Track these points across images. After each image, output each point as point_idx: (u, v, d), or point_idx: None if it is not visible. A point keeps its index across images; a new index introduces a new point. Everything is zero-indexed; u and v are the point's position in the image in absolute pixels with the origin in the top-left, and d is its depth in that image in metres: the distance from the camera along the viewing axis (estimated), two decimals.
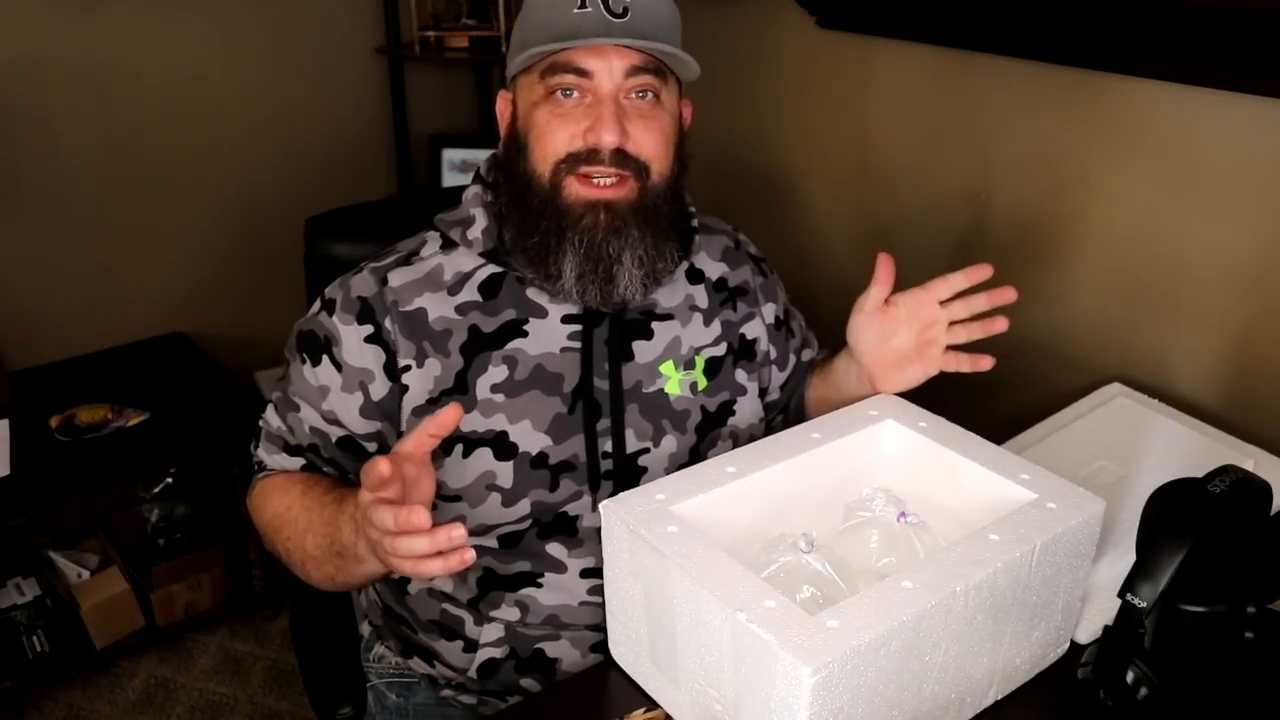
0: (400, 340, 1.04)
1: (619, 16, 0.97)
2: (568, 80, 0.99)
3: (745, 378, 1.17)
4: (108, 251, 2.24)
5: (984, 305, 1.10)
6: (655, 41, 0.98)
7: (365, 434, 1.07)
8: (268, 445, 1.13)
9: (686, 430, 1.11)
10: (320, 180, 2.41)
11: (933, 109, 1.66)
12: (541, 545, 1.07)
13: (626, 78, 0.99)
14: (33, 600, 2.03)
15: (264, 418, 1.13)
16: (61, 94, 2.10)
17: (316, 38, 2.38)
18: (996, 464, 0.97)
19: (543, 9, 1.00)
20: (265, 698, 2.02)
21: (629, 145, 1.00)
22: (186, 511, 2.17)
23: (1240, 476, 0.85)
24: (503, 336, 1.05)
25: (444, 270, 1.07)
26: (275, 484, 1.10)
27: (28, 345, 2.17)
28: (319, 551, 1.01)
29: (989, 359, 1.11)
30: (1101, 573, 1.01)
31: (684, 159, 1.08)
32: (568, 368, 1.06)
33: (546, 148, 1.01)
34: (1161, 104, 1.35)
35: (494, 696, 1.12)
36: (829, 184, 1.88)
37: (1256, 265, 1.30)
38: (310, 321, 1.08)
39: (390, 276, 1.06)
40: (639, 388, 1.09)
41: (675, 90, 1.06)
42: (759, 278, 1.22)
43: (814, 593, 0.88)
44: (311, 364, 1.07)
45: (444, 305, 1.05)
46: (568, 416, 1.06)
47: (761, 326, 1.20)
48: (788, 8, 1.82)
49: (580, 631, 1.09)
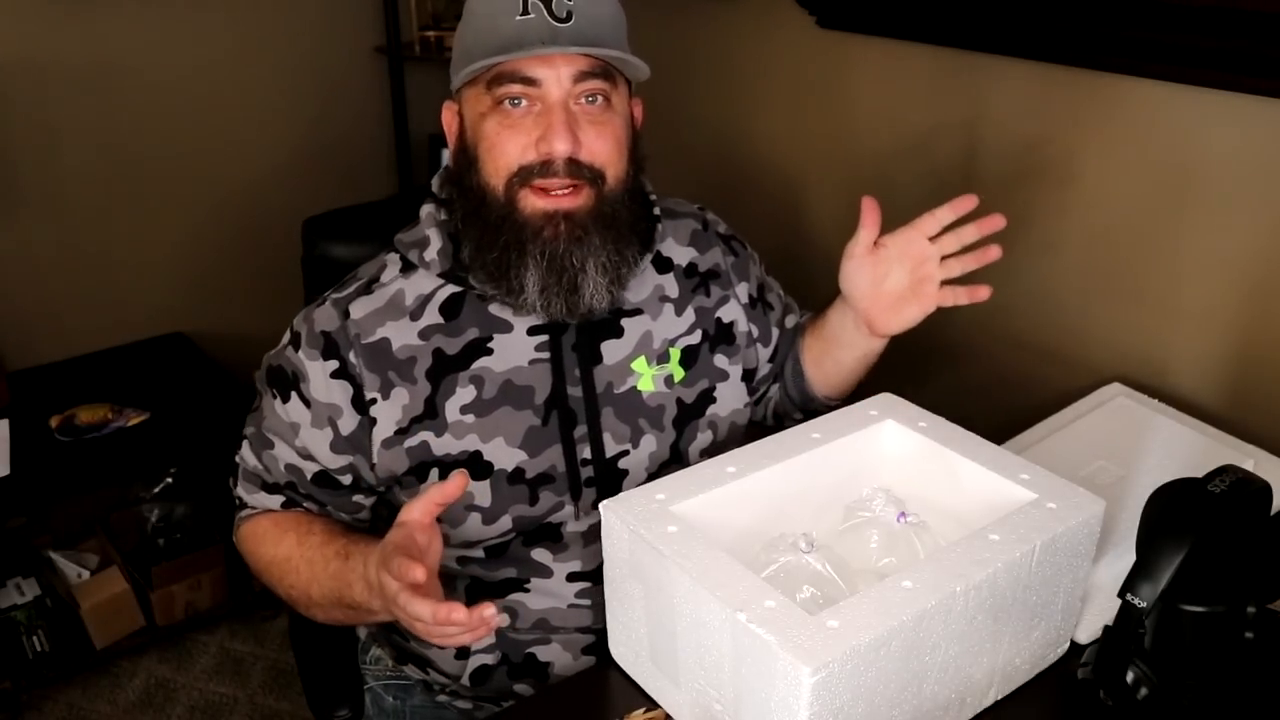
0: (365, 373, 1.03)
1: (563, 21, 0.95)
2: (515, 90, 0.97)
3: (726, 362, 1.15)
4: (108, 251, 2.24)
5: (973, 236, 1.09)
6: (602, 46, 0.96)
7: (338, 468, 1.06)
8: (246, 485, 1.13)
9: (664, 427, 1.10)
10: (320, 180, 2.41)
11: (932, 109, 1.66)
12: (526, 552, 1.07)
13: (575, 83, 0.97)
14: (33, 600, 2.03)
15: (240, 454, 1.13)
16: (61, 94, 2.10)
17: (316, 38, 2.38)
18: (996, 464, 0.97)
19: (483, 18, 0.98)
20: (265, 698, 2.02)
21: (582, 154, 0.98)
22: (186, 511, 2.16)
23: (1240, 476, 0.85)
24: (467, 357, 1.04)
25: (405, 295, 1.05)
26: (265, 531, 1.10)
27: (28, 345, 2.17)
28: (325, 601, 1.03)
29: (985, 288, 1.10)
30: (1101, 573, 1.01)
31: (639, 159, 1.07)
32: (538, 379, 1.05)
33: (498, 160, 0.99)
34: (1161, 104, 1.35)
35: (488, 702, 1.13)
36: (828, 184, 1.88)
37: (1257, 265, 1.30)
38: (279, 356, 1.08)
39: (352, 308, 1.04)
40: (610, 390, 1.08)
41: (625, 91, 1.04)
42: (730, 257, 1.19)
43: (814, 593, 0.88)
44: (281, 400, 1.06)
45: (407, 332, 1.04)
46: (542, 428, 1.05)
47: (738, 308, 1.18)
48: (788, 8, 1.82)
49: (571, 634, 1.08)
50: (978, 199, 1.09)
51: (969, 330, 1.64)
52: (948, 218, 1.08)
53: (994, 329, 1.63)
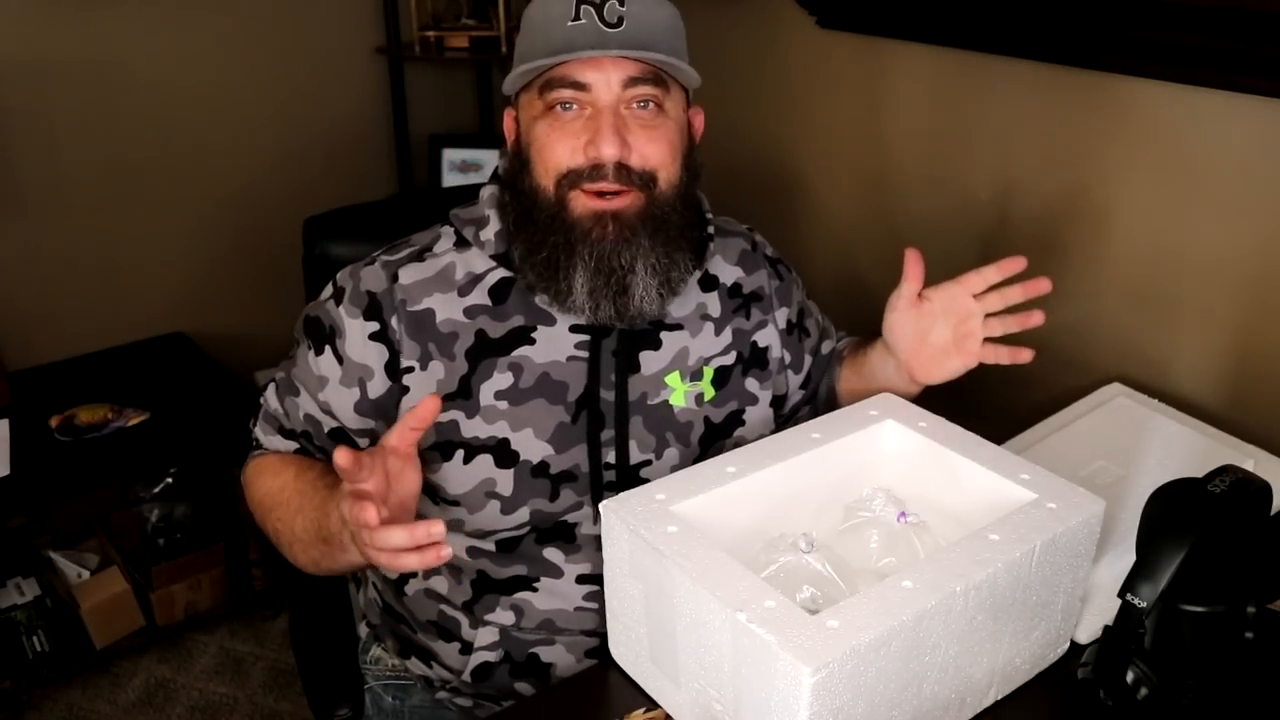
0: (405, 340, 1.03)
1: (614, 27, 0.96)
2: (565, 95, 0.98)
3: (757, 387, 1.16)
4: (108, 251, 2.24)
5: (1019, 297, 1.09)
6: (652, 51, 0.97)
7: (357, 429, 1.07)
8: (264, 425, 1.14)
9: (690, 443, 1.10)
10: (320, 180, 2.41)
11: (933, 109, 1.66)
12: (538, 550, 1.07)
13: (625, 89, 0.98)
14: (33, 600, 2.02)
15: (264, 395, 1.14)
16: (61, 94, 2.10)
17: (316, 38, 2.38)
18: (996, 464, 0.97)
19: (538, 24, 1.00)
20: (265, 698, 2.02)
21: (631, 158, 0.99)
22: (186, 511, 2.16)
23: (1240, 476, 0.85)
24: (510, 343, 1.05)
25: (456, 269, 1.06)
26: (269, 463, 1.11)
27: (28, 345, 2.17)
28: (306, 535, 1.02)
29: (1028, 351, 1.11)
30: (1101, 573, 1.01)
31: (694, 167, 1.07)
32: (573, 377, 1.06)
33: (548, 161, 1.00)
34: (1162, 104, 1.35)
35: (489, 700, 1.13)
36: (830, 184, 1.88)
37: (1257, 265, 1.30)
38: (319, 308, 1.08)
39: (402, 273, 1.05)
40: (644, 399, 1.08)
41: (681, 98, 1.05)
42: (775, 281, 1.20)
43: (814, 593, 0.88)
44: (315, 352, 1.07)
45: (453, 307, 1.04)
46: (570, 426, 1.05)
47: (774, 333, 1.18)
48: (788, 8, 1.82)
49: (575, 636, 1.08)
50: (1025, 261, 1.09)
51: None
52: (994, 278, 1.09)
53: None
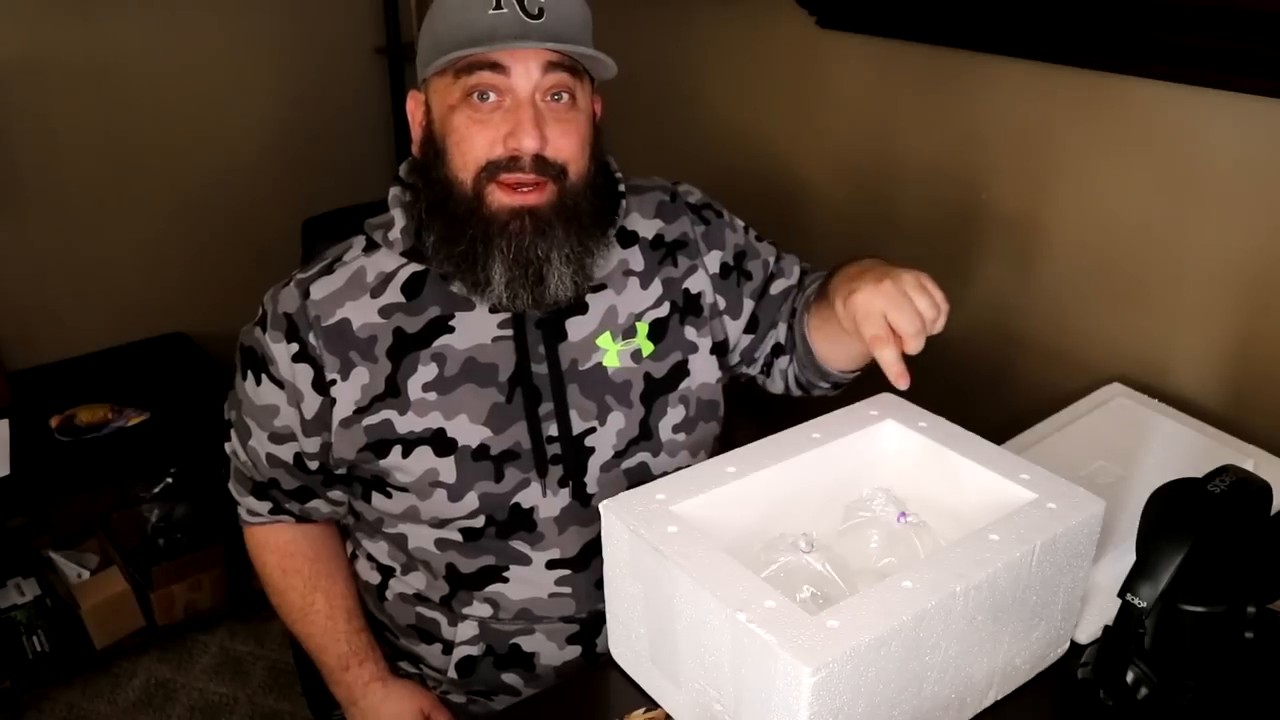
0: (325, 355, 1.04)
1: (535, 18, 0.96)
2: (485, 78, 0.97)
3: (695, 334, 1.14)
4: (108, 251, 2.24)
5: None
6: (572, 43, 0.98)
7: (311, 452, 1.08)
8: (238, 485, 1.16)
9: (631, 403, 1.10)
10: (320, 180, 2.42)
11: (932, 109, 1.66)
12: (503, 543, 1.07)
13: (544, 74, 0.98)
14: (33, 600, 2.02)
15: (230, 446, 1.15)
16: (61, 94, 2.10)
17: (316, 38, 2.38)
18: (996, 464, 0.97)
19: (454, 10, 0.99)
20: (265, 698, 2.02)
21: (548, 150, 0.99)
22: (186, 511, 2.16)
23: (1240, 476, 0.85)
24: (429, 335, 1.05)
25: (367, 273, 1.06)
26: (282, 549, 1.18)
27: (28, 345, 2.17)
28: (311, 645, 1.16)
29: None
30: (1101, 573, 1.01)
31: (600, 154, 1.08)
32: (501, 357, 1.06)
33: (467, 154, 1.00)
34: (1161, 104, 1.35)
35: (480, 695, 1.13)
36: (829, 183, 1.88)
37: (1257, 265, 1.30)
38: (249, 336, 1.09)
39: (313, 289, 1.05)
40: (575, 366, 1.08)
41: (588, 88, 1.05)
42: (700, 226, 1.18)
43: (814, 593, 0.88)
44: (255, 381, 1.08)
45: (367, 310, 1.05)
46: (506, 405, 1.05)
47: (705, 278, 1.16)
48: (788, 8, 1.82)
49: (554, 624, 1.09)
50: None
51: (969, 330, 1.64)
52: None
53: (994, 329, 1.63)
